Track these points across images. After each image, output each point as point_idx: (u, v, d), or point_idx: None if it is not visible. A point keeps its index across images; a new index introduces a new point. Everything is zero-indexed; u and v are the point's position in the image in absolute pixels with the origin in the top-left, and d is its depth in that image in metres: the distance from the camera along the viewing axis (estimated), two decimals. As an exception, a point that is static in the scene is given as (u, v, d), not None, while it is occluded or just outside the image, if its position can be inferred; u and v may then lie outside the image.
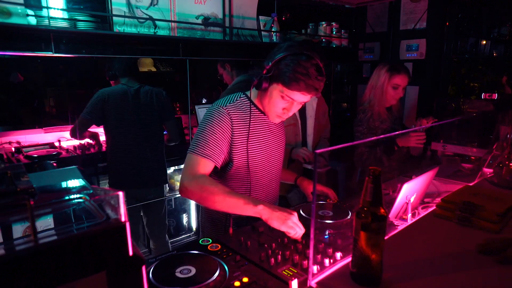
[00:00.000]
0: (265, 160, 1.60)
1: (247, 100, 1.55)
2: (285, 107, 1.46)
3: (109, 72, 2.70)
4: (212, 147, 1.42)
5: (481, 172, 1.97)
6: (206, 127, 1.44)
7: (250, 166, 1.54)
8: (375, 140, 2.37)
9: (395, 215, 1.45)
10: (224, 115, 1.45)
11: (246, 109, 1.53)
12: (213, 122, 1.44)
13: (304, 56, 1.35)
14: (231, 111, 1.48)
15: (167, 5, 2.36)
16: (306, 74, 1.33)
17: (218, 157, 1.44)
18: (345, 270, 1.08)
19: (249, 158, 1.53)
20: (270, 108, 1.49)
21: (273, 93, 1.43)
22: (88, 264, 0.49)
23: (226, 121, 1.45)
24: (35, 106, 3.57)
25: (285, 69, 1.36)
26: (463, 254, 1.17)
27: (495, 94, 2.76)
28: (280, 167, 1.73)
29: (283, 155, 1.74)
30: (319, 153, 1.45)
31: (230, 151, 1.49)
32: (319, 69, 1.36)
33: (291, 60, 1.35)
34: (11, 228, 0.54)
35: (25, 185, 0.52)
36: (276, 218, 1.26)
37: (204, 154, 1.41)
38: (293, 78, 1.35)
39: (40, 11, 1.92)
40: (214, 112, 1.47)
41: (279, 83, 1.39)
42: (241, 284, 1.04)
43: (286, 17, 3.97)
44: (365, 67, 3.84)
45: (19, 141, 3.03)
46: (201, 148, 1.41)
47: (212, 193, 1.33)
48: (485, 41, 4.23)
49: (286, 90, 1.39)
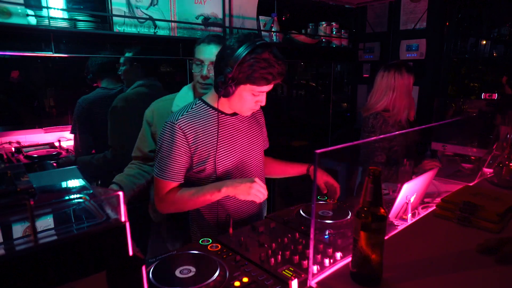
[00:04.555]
0: (238, 160, 1.56)
1: (204, 105, 1.52)
2: (257, 99, 1.46)
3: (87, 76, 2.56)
4: (171, 168, 1.45)
5: (481, 172, 1.97)
6: (162, 148, 1.46)
7: (221, 171, 1.50)
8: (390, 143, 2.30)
9: (395, 215, 1.45)
10: (176, 131, 1.43)
11: (204, 114, 1.49)
12: (167, 142, 1.44)
13: (259, 48, 1.34)
14: (183, 124, 1.44)
15: (167, 5, 2.36)
16: (269, 65, 1.34)
17: (178, 175, 1.47)
18: (345, 270, 1.08)
19: (218, 162, 1.49)
20: (242, 106, 1.47)
21: (243, 94, 1.42)
22: (88, 264, 0.49)
23: (178, 137, 1.43)
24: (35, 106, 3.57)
25: (249, 70, 1.34)
26: (463, 254, 1.17)
27: (495, 94, 2.75)
28: (260, 165, 1.68)
29: (261, 149, 1.70)
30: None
31: (195, 162, 1.48)
32: (276, 54, 1.37)
33: (251, 59, 1.34)
34: (11, 228, 0.54)
35: (25, 185, 0.52)
36: (241, 192, 1.39)
37: (164, 176, 1.45)
38: (260, 77, 1.35)
39: (40, 11, 1.92)
40: (166, 131, 1.46)
41: (247, 84, 1.39)
42: (241, 284, 1.04)
43: (286, 17, 3.96)
44: (365, 67, 3.83)
45: (19, 141, 3.03)
46: (161, 171, 1.46)
47: (182, 202, 1.46)
48: (485, 41, 4.23)
49: (256, 87, 1.39)
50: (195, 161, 1.47)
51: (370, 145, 2.27)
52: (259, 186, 1.39)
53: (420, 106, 3.33)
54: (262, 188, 1.40)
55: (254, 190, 1.37)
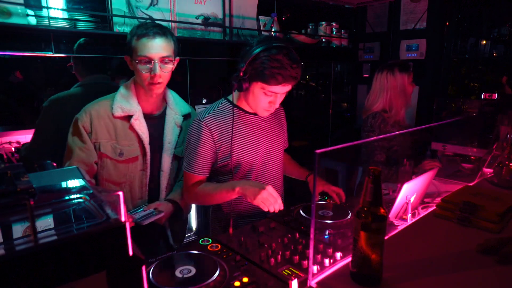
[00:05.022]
0: (259, 157, 1.63)
1: (229, 104, 1.60)
2: (270, 100, 1.50)
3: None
4: (196, 163, 1.54)
5: (481, 172, 1.97)
6: (190, 144, 1.56)
7: (243, 167, 1.59)
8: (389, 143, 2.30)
9: (395, 215, 1.45)
10: (202, 128, 1.52)
11: (228, 113, 1.57)
12: (194, 138, 1.54)
13: (274, 49, 1.39)
14: (210, 121, 1.53)
15: (167, 5, 2.36)
16: (281, 66, 1.38)
17: (203, 169, 1.56)
18: (345, 270, 1.08)
19: (241, 159, 1.57)
20: (256, 104, 1.53)
21: (255, 91, 1.48)
22: (88, 264, 0.49)
23: (204, 133, 1.52)
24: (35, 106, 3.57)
25: (261, 67, 1.39)
26: (463, 254, 1.16)
27: (495, 94, 2.75)
28: (279, 163, 1.75)
29: (282, 148, 1.76)
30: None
31: (219, 158, 1.56)
32: (292, 57, 1.40)
33: (264, 57, 1.39)
34: (11, 228, 0.54)
35: (25, 185, 0.52)
36: (249, 194, 1.39)
37: (191, 170, 1.55)
38: (270, 75, 1.39)
39: (40, 11, 1.92)
40: (193, 128, 1.55)
41: (258, 82, 1.44)
42: (241, 284, 1.04)
43: (286, 17, 3.96)
44: (365, 67, 3.83)
45: (19, 141, 3.02)
46: (188, 164, 1.56)
47: (203, 196, 1.55)
48: (485, 41, 4.23)
49: (267, 86, 1.43)
50: (219, 156, 1.56)
51: (370, 144, 2.27)
52: (268, 194, 1.36)
53: (420, 106, 3.33)
54: (270, 198, 1.36)
55: (261, 197, 1.35)
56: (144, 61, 1.47)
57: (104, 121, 1.53)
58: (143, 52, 1.45)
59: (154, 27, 1.48)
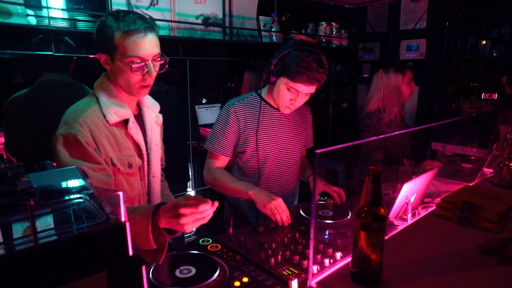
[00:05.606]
0: (276, 151, 1.73)
1: (258, 97, 1.73)
2: (292, 98, 1.61)
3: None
4: (220, 142, 1.68)
5: (481, 172, 1.97)
6: (216, 125, 1.71)
7: (260, 156, 1.69)
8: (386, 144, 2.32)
9: (395, 215, 1.45)
10: (231, 113, 1.67)
11: (256, 105, 1.71)
12: (222, 121, 1.69)
13: (306, 52, 1.51)
14: (238, 108, 1.68)
15: (167, 5, 2.36)
16: (308, 67, 1.49)
17: (226, 150, 1.69)
18: (345, 270, 1.08)
19: (259, 148, 1.68)
20: (279, 100, 1.64)
21: (280, 86, 1.60)
22: (88, 264, 0.49)
23: (232, 118, 1.67)
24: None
25: (290, 63, 1.52)
26: (463, 254, 1.17)
27: (495, 94, 2.76)
28: (296, 160, 1.82)
29: (301, 147, 1.85)
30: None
31: (240, 143, 1.69)
32: (320, 62, 1.52)
33: (295, 55, 1.52)
34: (11, 228, 0.54)
35: (25, 185, 0.52)
36: (260, 202, 1.48)
37: (214, 148, 1.69)
38: (296, 72, 1.51)
39: (40, 11, 1.92)
40: (222, 112, 1.71)
41: (284, 77, 1.56)
42: (241, 284, 1.04)
43: (286, 17, 3.97)
44: (365, 67, 3.83)
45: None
46: (211, 143, 1.70)
47: (221, 182, 1.66)
48: (485, 41, 4.23)
49: (291, 82, 1.55)
50: (240, 142, 1.70)
51: (368, 143, 2.30)
52: (277, 206, 1.45)
53: (420, 106, 3.33)
54: (279, 210, 1.45)
55: (270, 207, 1.45)
56: (136, 62, 1.21)
57: (103, 131, 1.23)
58: (135, 52, 1.20)
59: (139, 18, 1.22)
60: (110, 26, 1.20)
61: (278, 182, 1.78)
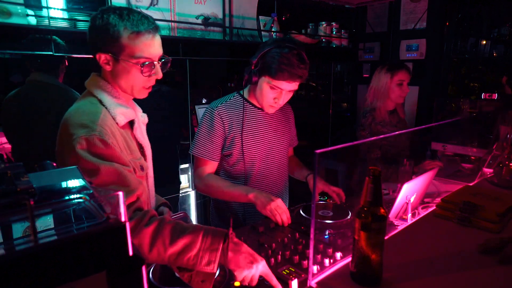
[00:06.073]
0: (263, 151, 1.71)
1: (240, 98, 1.70)
2: (275, 96, 1.59)
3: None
4: (207, 147, 1.64)
5: (481, 172, 1.97)
6: (201, 129, 1.66)
7: (246, 158, 1.66)
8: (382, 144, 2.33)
9: (395, 215, 1.45)
10: (215, 116, 1.64)
11: (239, 106, 1.68)
12: (206, 125, 1.65)
13: (286, 48, 1.49)
14: (222, 110, 1.65)
15: (167, 5, 2.35)
16: (289, 63, 1.47)
17: (213, 154, 1.66)
18: (345, 270, 1.08)
19: (244, 150, 1.65)
20: (263, 99, 1.62)
21: (262, 86, 1.58)
22: (88, 264, 0.49)
23: (217, 121, 1.63)
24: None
25: (270, 62, 1.50)
26: (463, 254, 1.17)
27: (495, 94, 2.75)
28: (283, 159, 1.81)
29: (287, 145, 1.83)
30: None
31: (226, 145, 1.66)
32: (301, 58, 1.49)
33: (275, 53, 1.49)
34: (11, 228, 0.54)
35: (25, 185, 0.52)
36: (260, 203, 1.47)
37: (201, 154, 1.65)
38: (278, 69, 1.48)
39: (40, 11, 1.92)
40: (206, 115, 1.67)
41: (266, 76, 1.54)
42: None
43: (286, 17, 3.97)
44: (365, 67, 3.83)
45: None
46: (198, 148, 1.65)
47: (216, 189, 1.62)
48: (485, 41, 4.23)
49: (273, 80, 1.52)
50: (226, 144, 1.66)
51: (365, 142, 2.33)
52: (277, 206, 1.45)
53: (420, 106, 3.33)
54: (279, 210, 1.45)
55: (270, 208, 1.45)
56: (145, 63, 1.18)
57: (117, 133, 1.17)
58: (145, 53, 1.17)
59: (145, 18, 1.19)
60: (115, 24, 1.15)
61: (266, 183, 1.75)
